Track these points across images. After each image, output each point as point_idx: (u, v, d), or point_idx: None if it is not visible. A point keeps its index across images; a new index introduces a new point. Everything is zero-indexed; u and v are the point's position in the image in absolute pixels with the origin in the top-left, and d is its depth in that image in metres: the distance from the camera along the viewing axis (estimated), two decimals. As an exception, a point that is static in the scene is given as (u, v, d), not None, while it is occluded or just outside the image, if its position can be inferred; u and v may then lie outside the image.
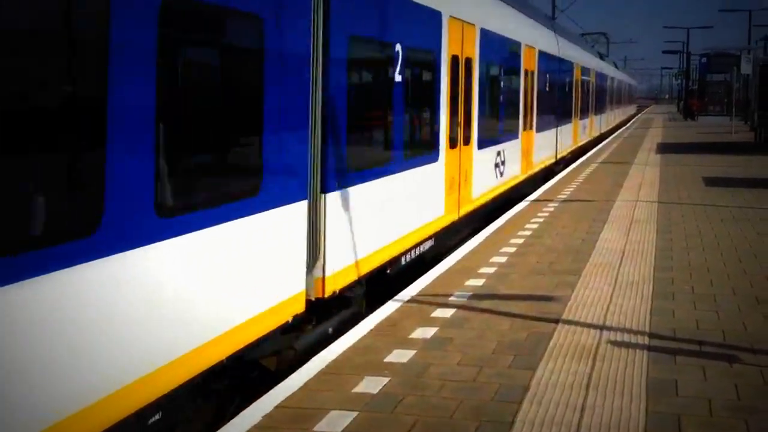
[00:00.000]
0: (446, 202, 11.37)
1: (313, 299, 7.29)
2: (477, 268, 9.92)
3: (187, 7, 5.16)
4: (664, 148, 31.01)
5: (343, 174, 7.69)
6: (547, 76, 21.05)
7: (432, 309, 8.08)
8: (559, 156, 23.80)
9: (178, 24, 5.05)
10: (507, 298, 8.50)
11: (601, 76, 37.28)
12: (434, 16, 10.64)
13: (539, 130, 19.75)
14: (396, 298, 8.54)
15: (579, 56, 28.51)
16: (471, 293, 8.70)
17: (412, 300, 8.45)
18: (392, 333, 7.31)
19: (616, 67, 64.71)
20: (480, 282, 9.21)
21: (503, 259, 10.45)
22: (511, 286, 9.03)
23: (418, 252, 10.34)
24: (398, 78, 9.22)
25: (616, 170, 22.31)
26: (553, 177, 21.31)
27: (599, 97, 36.72)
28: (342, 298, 8.01)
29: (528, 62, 18.04)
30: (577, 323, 7.61)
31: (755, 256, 10.65)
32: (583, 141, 30.29)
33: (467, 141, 12.42)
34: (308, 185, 7.02)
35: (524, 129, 17.79)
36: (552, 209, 14.85)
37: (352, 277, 8.04)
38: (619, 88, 55.45)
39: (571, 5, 57.40)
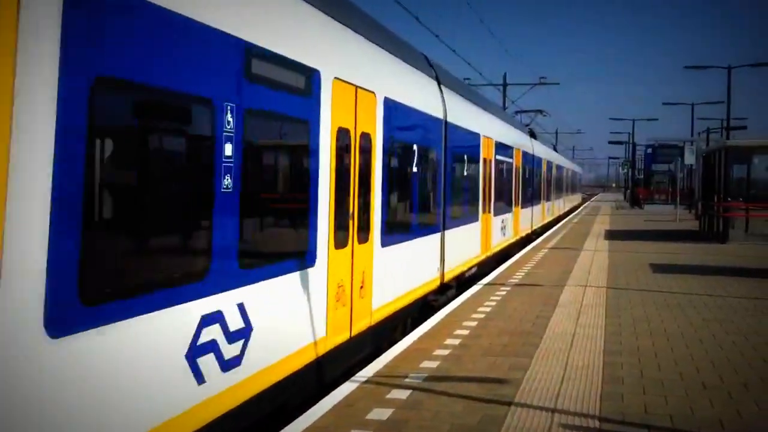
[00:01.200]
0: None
1: None
2: (431, 350, 10.04)
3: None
4: (612, 235, 31.60)
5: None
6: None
7: (388, 390, 8.17)
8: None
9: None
10: (461, 380, 8.61)
11: (529, 158, 30.75)
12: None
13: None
14: (353, 378, 8.62)
15: (506, 135, 23.68)
16: (426, 375, 8.81)
17: (368, 381, 8.53)
18: (350, 414, 7.38)
19: (554, 148, 58.85)
20: (434, 364, 9.33)
21: (457, 341, 10.59)
22: (464, 369, 9.16)
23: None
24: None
25: (566, 256, 22.70)
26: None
27: (530, 184, 30.67)
28: None
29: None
30: (529, 406, 7.74)
31: (701, 342, 10.92)
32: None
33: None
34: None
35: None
36: (504, 293, 15.06)
37: None
38: (559, 175, 49.28)
39: (522, 96, 58.70)
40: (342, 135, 9.06)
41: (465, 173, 16.96)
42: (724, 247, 26.93)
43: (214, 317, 6.13)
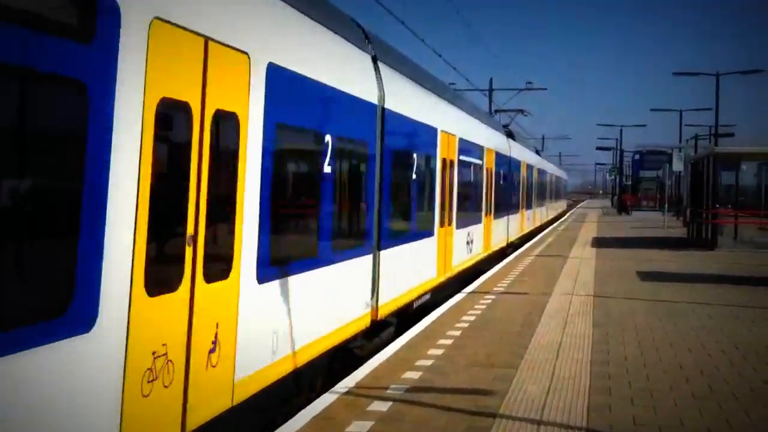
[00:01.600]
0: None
1: None
2: (414, 360, 9.81)
3: None
4: (599, 243, 31.48)
5: None
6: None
7: (369, 402, 7.94)
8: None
9: None
10: (444, 392, 8.39)
11: (505, 161, 26.49)
12: None
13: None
14: (332, 390, 8.39)
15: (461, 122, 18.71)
16: (408, 386, 8.58)
17: (348, 392, 8.30)
18: (329, 427, 7.15)
19: (538, 153, 51.31)
20: (417, 375, 9.10)
21: (440, 352, 10.37)
22: (448, 380, 8.93)
23: None
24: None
25: (553, 263, 22.53)
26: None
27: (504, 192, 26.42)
28: None
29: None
30: (514, 418, 7.53)
31: (690, 351, 10.73)
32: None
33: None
34: None
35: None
36: (489, 301, 14.86)
37: None
38: (542, 180, 44.69)
39: (508, 101, 58.68)
40: (166, 108, 5.67)
41: (413, 177, 13.35)
42: (712, 254, 26.83)
43: None
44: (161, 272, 5.68)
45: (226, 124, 6.67)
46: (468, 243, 19.32)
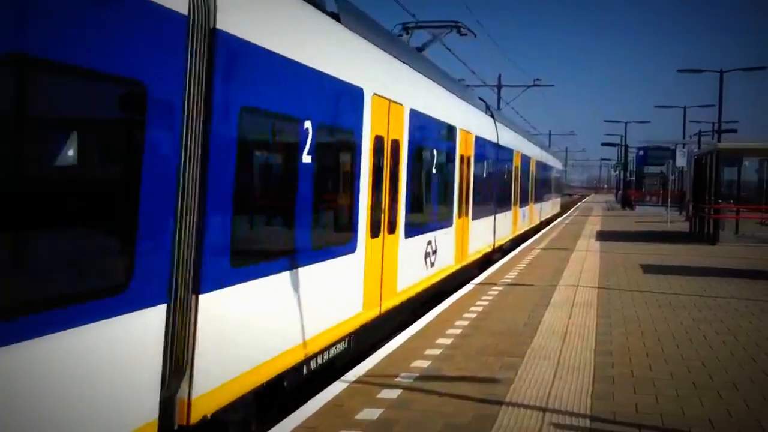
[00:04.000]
0: None
1: None
2: (423, 350, 10.03)
3: None
4: (603, 236, 31.64)
5: None
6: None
7: (378, 390, 8.16)
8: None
9: None
10: (452, 380, 8.61)
11: (487, 147, 21.04)
12: None
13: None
14: (342, 378, 8.60)
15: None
16: (417, 374, 8.80)
17: (358, 381, 8.51)
18: (339, 414, 7.36)
19: (532, 138, 39.61)
20: (426, 363, 9.32)
21: (449, 341, 10.58)
22: (456, 368, 9.15)
23: None
24: None
25: (558, 256, 22.71)
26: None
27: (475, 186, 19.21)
28: None
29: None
30: (520, 405, 7.74)
31: (691, 342, 10.93)
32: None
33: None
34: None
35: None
36: (496, 293, 15.06)
37: None
38: (543, 172, 39.08)
39: (516, 98, 58.76)
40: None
41: (311, 165, 8.34)
42: (714, 248, 26.99)
43: None
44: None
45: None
46: (428, 255, 14.02)
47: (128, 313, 5.30)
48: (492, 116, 23.71)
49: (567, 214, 54.00)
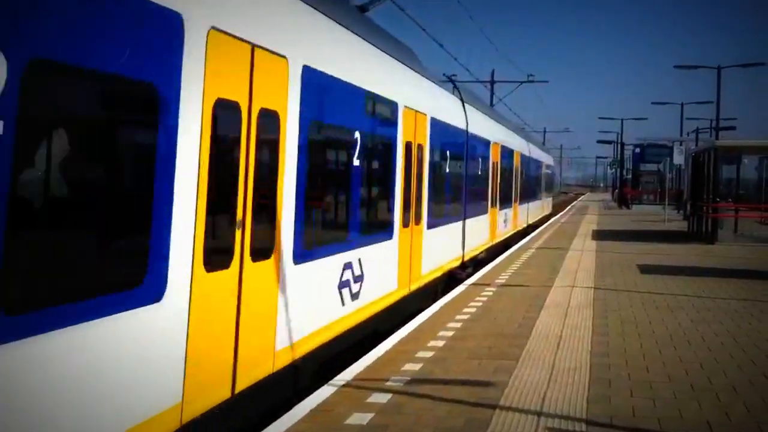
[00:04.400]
0: None
1: None
2: (414, 352, 9.82)
3: None
4: (599, 235, 31.48)
5: None
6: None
7: (368, 394, 7.95)
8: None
9: None
10: (444, 383, 8.40)
11: (449, 133, 16.69)
12: None
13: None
14: (331, 382, 8.40)
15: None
16: (408, 378, 8.59)
17: (347, 384, 8.31)
18: (327, 419, 7.16)
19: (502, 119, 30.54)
20: (417, 366, 9.11)
21: (441, 343, 10.38)
22: (448, 371, 8.94)
23: None
24: None
25: (553, 255, 22.53)
26: None
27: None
28: None
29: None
30: (514, 409, 7.54)
31: (689, 343, 10.74)
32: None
33: None
34: None
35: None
36: (490, 293, 14.86)
37: None
38: (525, 170, 32.87)
39: (509, 94, 58.63)
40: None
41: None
42: (712, 247, 26.83)
43: None
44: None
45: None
46: (344, 286, 10.17)
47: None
48: (461, 99, 19.50)
49: (562, 213, 53.81)
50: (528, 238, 29.67)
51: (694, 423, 7.29)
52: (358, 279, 10.74)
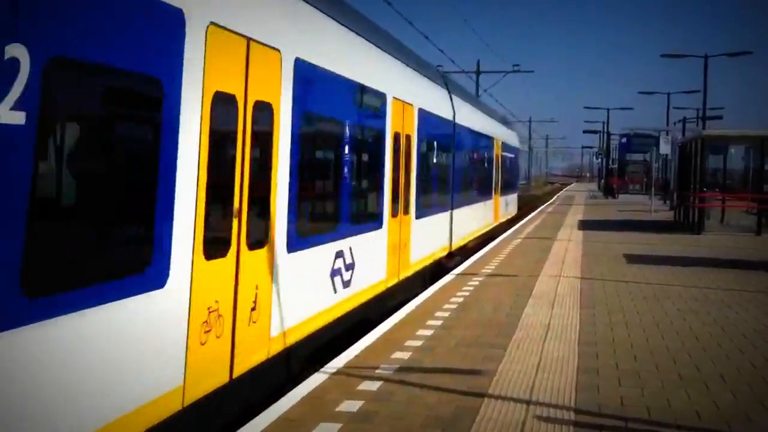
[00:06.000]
0: None
1: None
2: (403, 341, 9.84)
3: None
4: (585, 225, 31.56)
5: None
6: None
7: (358, 382, 7.96)
8: None
9: None
10: (433, 371, 8.42)
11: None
12: None
13: None
14: (322, 369, 8.41)
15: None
16: (397, 366, 8.61)
17: (338, 372, 8.32)
18: (319, 406, 7.17)
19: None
20: (406, 355, 9.13)
21: (429, 332, 10.40)
22: (437, 359, 8.96)
23: None
24: None
25: (540, 246, 22.58)
26: None
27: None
28: None
29: None
30: (503, 397, 7.56)
31: (677, 333, 10.79)
32: None
33: None
34: None
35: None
36: (477, 283, 14.89)
37: None
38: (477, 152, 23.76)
39: (494, 85, 58.69)
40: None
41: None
42: (699, 237, 26.93)
43: None
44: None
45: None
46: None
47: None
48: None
49: (548, 203, 53.86)
50: (513, 228, 29.71)
51: (683, 412, 7.33)
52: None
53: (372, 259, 12.00)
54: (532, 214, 39.80)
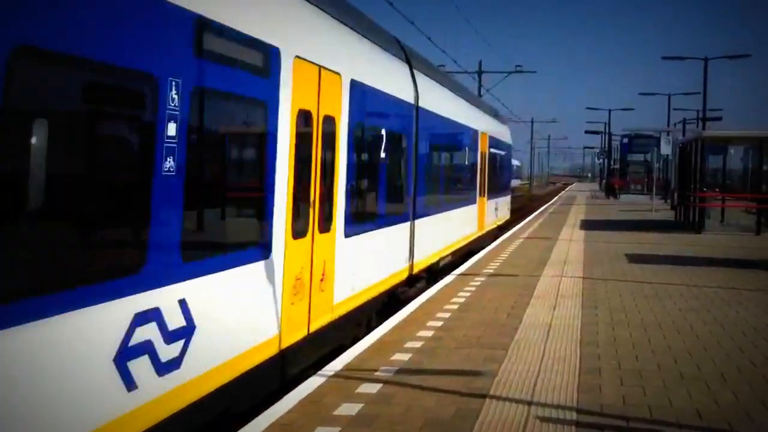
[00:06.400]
0: None
1: None
2: (403, 342, 9.80)
3: None
4: (587, 225, 31.52)
5: None
6: None
7: (357, 384, 7.92)
8: None
9: None
10: (434, 373, 8.38)
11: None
12: None
13: None
14: (320, 372, 8.37)
15: None
16: (397, 368, 8.56)
17: (336, 375, 8.28)
18: (317, 409, 7.13)
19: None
20: (406, 356, 9.09)
21: (430, 333, 10.36)
22: (438, 361, 8.92)
23: None
24: None
25: (542, 245, 22.54)
26: None
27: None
28: None
29: None
30: (505, 399, 7.52)
31: (678, 332, 10.75)
32: None
33: None
34: None
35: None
36: (479, 283, 14.85)
37: None
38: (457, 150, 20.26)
39: (496, 85, 58.65)
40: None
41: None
42: (699, 237, 26.90)
43: None
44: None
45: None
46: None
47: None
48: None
49: (550, 203, 53.81)
50: (513, 229, 29.64)
51: (684, 411, 7.29)
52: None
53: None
54: (533, 214, 39.74)
